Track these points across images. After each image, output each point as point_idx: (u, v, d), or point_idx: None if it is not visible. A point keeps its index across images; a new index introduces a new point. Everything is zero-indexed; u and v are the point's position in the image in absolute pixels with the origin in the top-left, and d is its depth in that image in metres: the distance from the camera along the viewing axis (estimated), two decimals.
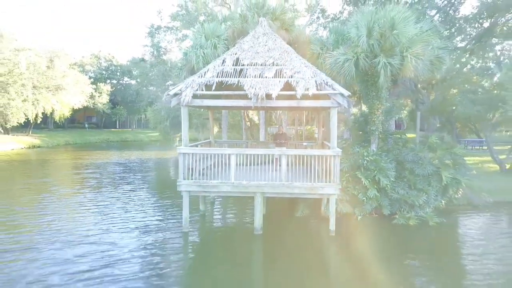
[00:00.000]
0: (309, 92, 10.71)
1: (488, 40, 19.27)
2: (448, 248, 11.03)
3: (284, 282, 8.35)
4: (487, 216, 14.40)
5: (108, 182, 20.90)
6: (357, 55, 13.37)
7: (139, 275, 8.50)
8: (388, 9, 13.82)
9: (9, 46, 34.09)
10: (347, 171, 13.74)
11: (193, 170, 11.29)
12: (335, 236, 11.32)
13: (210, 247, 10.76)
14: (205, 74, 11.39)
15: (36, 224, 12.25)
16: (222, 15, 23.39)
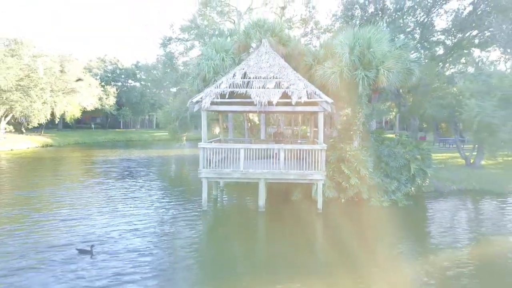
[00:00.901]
0: (302, 99, 13.82)
1: (455, 53, 22.43)
2: (411, 223, 14.11)
3: (281, 245, 11.44)
4: (448, 200, 17.55)
5: (128, 175, 23.91)
6: (341, 69, 16.45)
7: (174, 237, 11.58)
8: (366, 31, 16.95)
9: (28, 53, 37.07)
10: (333, 163, 16.79)
11: (210, 161, 14.37)
12: (322, 213, 14.43)
13: (225, 220, 13.86)
14: (220, 85, 14.47)
15: (85, 202, 15.28)
16: (228, 29, 26.40)
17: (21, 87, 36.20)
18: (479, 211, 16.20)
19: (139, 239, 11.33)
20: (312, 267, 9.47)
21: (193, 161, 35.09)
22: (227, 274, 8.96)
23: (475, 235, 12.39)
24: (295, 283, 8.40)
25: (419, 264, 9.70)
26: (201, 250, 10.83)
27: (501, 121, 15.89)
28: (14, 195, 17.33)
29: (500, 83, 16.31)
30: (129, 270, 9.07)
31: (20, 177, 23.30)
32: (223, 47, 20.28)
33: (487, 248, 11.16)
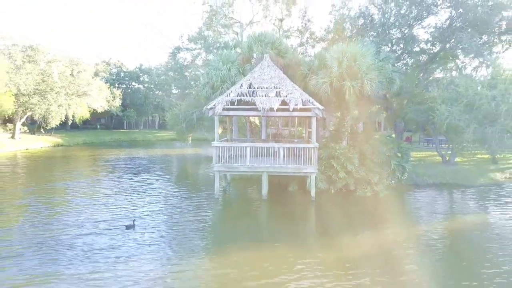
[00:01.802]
0: (298, 106, 16.71)
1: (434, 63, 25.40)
2: (388, 209, 16.98)
3: (280, 224, 14.33)
4: (423, 191, 20.49)
5: (142, 170, 26.71)
6: (331, 79, 19.34)
7: (193, 217, 14.46)
8: (352, 46, 19.86)
9: (43, 59, 39.79)
10: (325, 159, 19.67)
11: (221, 157, 17.23)
12: (314, 201, 17.32)
13: (234, 205, 16.76)
14: (230, 94, 17.35)
15: (112, 191, 18.10)
16: (232, 39, 29.20)
17: (38, 91, 39.01)
18: (446, 200, 19.17)
19: (165, 217, 14.24)
20: (303, 240, 12.38)
21: (197, 159, 38.05)
22: (236, 242, 11.79)
23: (434, 217, 15.35)
24: (290, 249, 11.29)
25: (380, 237, 12.63)
26: (216, 226, 13.74)
27: (466, 124, 18.85)
28: (48, 187, 20.14)
29: (465, 91, 19.25)
30: (160, 238, 11.93)
31: (46, 172, 26.05)
32: (229, 59, 23.15)
33: (441, 226, 14.13)
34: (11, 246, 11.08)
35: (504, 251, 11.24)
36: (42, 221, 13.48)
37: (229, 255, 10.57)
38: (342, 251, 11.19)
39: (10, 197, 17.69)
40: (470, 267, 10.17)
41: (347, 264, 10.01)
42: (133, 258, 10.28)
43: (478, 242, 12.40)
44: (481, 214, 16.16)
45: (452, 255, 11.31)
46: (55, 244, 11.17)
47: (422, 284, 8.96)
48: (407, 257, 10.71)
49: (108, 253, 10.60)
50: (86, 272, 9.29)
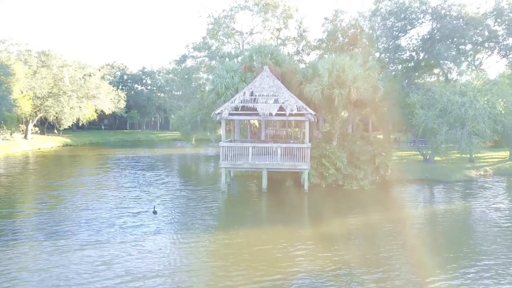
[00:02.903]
0: (293, 112, 19.47)
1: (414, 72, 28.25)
2: (371, 200, 19.70)
3: (277, 212, 17.08)
4: (403, 186, 23.25)
5: (152, 167, 29.40)
6: (323, 88, 22.08)
7: (203, 206, 17.18)
8: (341, 58, 22.60)
9: (56, 63, 42.41)
10: (317, 158, 22.37)
11: (227, 156, 19.96)
12: (307, 194, 20.04)
13: (238, 196, 19.50)
14: (235, 101, 20.09)
15: (131, 185, 20.79)
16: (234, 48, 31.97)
17: (52, 95, 41.65)
18: (422, 193, 22.04)
19: (180, 205, 16.98)
20: (296, 223, 15.15)
21: (199, 157, 40.80)
22: (239, 225, 14.52)
23: (409, 206, 18.17)
24: (285, 229, 14.04)
25: (361, 221, 15.41)
26: (223, 212, 16.55)
27: (440, 127, 21.66)
28: (73, 181, 22.81)
29: (440, 98, 22.05)
30: (177, 220, 14.66)
31: (65, 169, 28.74)
32: (232, 68, 25.90)
33: (414, 213, 16.94)
34: (61, 224, 13.76)
35: (461, 233, 14.06)
36: (78, 208, 16.18)
37: (235, 232, 13.30)
38: (329, 231, 13.95)
39: (43, 190, 20.36)
40: (432, 242, 12.94)
41: (333, 240, 12.76)
42: (159, 233, 13.00)
43: (444, 225, 15.22)
44: (449, 204, 19.01)
45: (421, 235, 14.03)
46: (98, 223, 13.86)
47: (395, 256, 11.66)
48: (384, 237, 13.46)
49: (140, 229, 13.31)
50: (129, 240, 12.01)
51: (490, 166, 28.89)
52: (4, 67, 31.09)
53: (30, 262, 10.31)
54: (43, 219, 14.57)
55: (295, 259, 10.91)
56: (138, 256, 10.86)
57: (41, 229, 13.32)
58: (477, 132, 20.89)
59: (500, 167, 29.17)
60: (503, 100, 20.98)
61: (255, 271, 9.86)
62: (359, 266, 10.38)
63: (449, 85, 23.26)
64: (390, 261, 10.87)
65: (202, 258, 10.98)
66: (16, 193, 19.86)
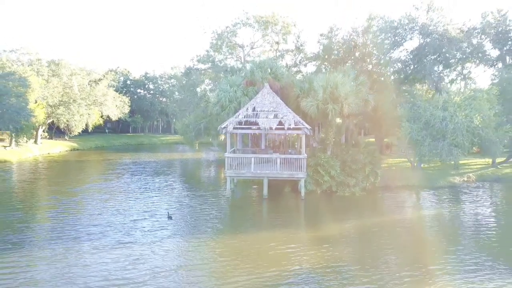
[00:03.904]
0: (291, 126, 21.73)
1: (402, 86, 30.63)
2: (360, 205, 21.98)
3: (277, 215, 19.32)
4: (391, 192, 25.51)
5: (159, 173, 31.60)
6: (318, 103, 24.35)
7: (210, 209, 19.43)
8: (334, 75, 24.87)
9: (65, 72, 44.60)
10: (313, 166, 24.60)
11: (231, 165, 22.20)
12: (304, 200, 22.29)
13: (242, 202, 21.75)
14: (238, 116, 22.34)
15: (143, 189, 23.00)
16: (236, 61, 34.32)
17: (63, 103, 43.89)
18: (407, 199, 24.29)
19: (190, 210, 19.20)
20: (294, 225, 17.41)
21: (201, 162, 43.07)
22: (243, 228, 16.76)
23: (394, 211, 20.45)
24: (284, 230, 16.28)
25: (352, 224, 17.66)
26: (229, 216, 18.78)
27: (423, 139, 23.96)
28: (90, 187, 24.99)
29: (424, 112, 24.35)
30: (189, 224, 16.89)
31: (79, 175, 30.92)
32: (235, 83, 28.17)
33: (399, 217, 19.22)
34: (90, 228, 15.96)
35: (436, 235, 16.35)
36: (100, 212, 18.38)
37: (240, 235, 15.54)
38: (323, 232, 16.21)
39: (65, 196, 22.52)
40: (414, 242, 15.21)
41: (326, 240, 15.00)
42: (175, 236, 15.23)
43: (427, 227, 17.52)
44: (431, 210, 21.30)
45: (404, 237, 16.29)
46: (120, 227, 16.07)
47: (383, 253, 13.90)
48: (371, 239, 15.72)
49: (159, 232, 15.53)
50: (151, 242, 14.24)
51: (473, 173, 31.23)
52: (23, 79, 33.28)
53: (73, 259, 12.53)
54: (73, 223, 16.76)
55: (292, 258, 13.13)
56: (161, 255, 13.09)
57: (72, 232, 15.49)
58: (456, 144, 23.18)
59: (483, 173, 31.50)
60: (480, 115, 23.28)
61: (257, 268, 12.09)
62: (348, 264, 12.61)
63: (433, 100, 25.52)
64: (377, 260, 13.11)
65: (213, 257, 13.20)
66: (40, 199, 22.05)
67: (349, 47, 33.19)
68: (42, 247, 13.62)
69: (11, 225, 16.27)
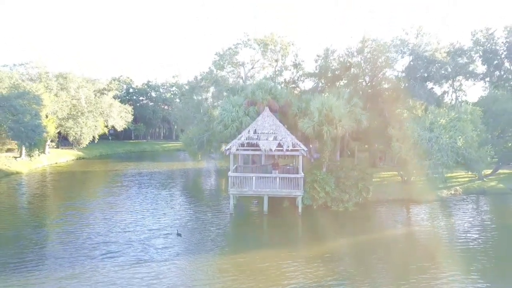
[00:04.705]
0: (289, 148, 23.71)
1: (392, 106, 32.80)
2: (355, 220, 23.90)
3: (276, 229, 21.29)
4: (382, 207, 27.53)
5: (164, 185, 33.53)
6: (314, 124, 26.33)
7: (216, 224, 21.39)
8: (329, 98, 26.85)
9: (73, 86, 46.53)
10: (309, 183, 26.59)
11: (234, 183, 24.16)
12: (301, 215, 24.26)
13: (243, 218, 23.71)
14: (241, 138, 24.31)
15: (150, 207, 24.93)
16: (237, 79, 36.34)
17: (71, 116, 45.85)
18: (396, 214, 26.29)
19: (197, 226, 21.14)
20: (292, 243, 19.39)
21: (203, 172, 45.03)
22: (245, 244, 18.71)
23: (383, 226, 22.45)
24: (283, 249, 18.25)
25: (345, 238, 19.64)
26: (231, 233, 20.78)
27: (411, 157, 25.96)
28: (97, 203, 26.87)
29: (412, 133, 26.34)
30: (196, 242, 18.84)
31: (87, 189, 32.85)
32: (237, 103, 30.13)
33: (388, 232, 21.22)
34: (109, 245, 17.87)
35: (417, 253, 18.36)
36: (114, 230, 20.30)
37: (242, 251, 17.50)
38: (318, 249, 18.19)
39: (77, 210, 24.42)
40: (404, 258, 17.20)
41: (321, 257, 16.97)
42: (186, 253, 17.18)
43: (416, 243, 19.51)
44: (419, 223, 23.33)
45: (394, 253, 18.26)
46: (136, 244, 17.99)
47: (374, 269, 15.88)
48: (364, 254, 17.70)
49: (172, 249, 17.48)
50: (165, 259, 16.18)
51: (460, 186, 33.34)
52: (37, 98, 35.20)
53: (101, 277, 14.45)
54: (91, 240, 18.65)
55: (290, 275, 15.08)
56: (176, 273, 15.05)
57: (93, 250, 17.38)
58: (441, 163, 25.20)
59: (469, 186, 33.59)
60: (463, 136, 25.28)
61: (259, 284, 14.06)
62: (342, 280, 14.57)
63: (420, 120, 27.50)
64: (368, 276, 15.09)
65: (221, 274, 15.13)
66: (56, 215, 23.84)
67: (344, 66, 35.22)
68: (67, 265, 15.49)
69: (31, 242, 18.18)
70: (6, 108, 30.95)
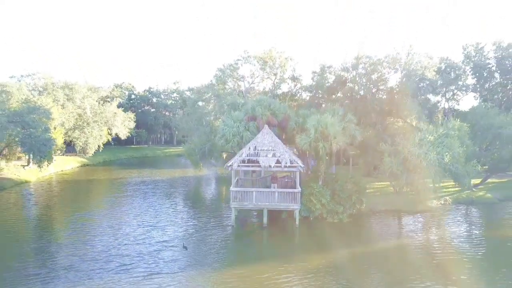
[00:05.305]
0: (287, 164, 25.43)
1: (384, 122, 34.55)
2: (349, 232, 25.60)
3: (274, 241, 23.01)
4: (374, 218, 29.24)
5: (168, 195, 35.18)
6: (310, 141, 28.03)
7: (218, 236, 23.10)
8: (324, 116, 28.56)
9: (78, 96, 48.22)
10: (306, 195, 28.27)
11: (236, 197, 25.87)
12: (298, 226, 25.98)
13: (244, 231, 25.42)
14: (242, 155, 26.01)
15: (156, 220, 26.60)
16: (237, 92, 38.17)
17: (77, 126, 47.59)
18: (387, 225, 28.02)
19: (201, 238, 22.83)
20: (289, 255, 21.11)
21: (204, 180, 46.70)
22: (246, 257, 20.41)
23: (374, 237, 24.21)
24: (281, 262, 19.95)
25: (338, 250, 21.37)
26: (233, 246, 22.48)
27: (402, 173, 27.71)
28: (104, 214, 28.53)
29: (402, 149, 28.10)
30: (201, 254, 20.53)
31: (93, 198, 34.51)
32: (237, 118, 31.86)
33: (381, 244, 22.96)
34: (124, 258, 19.54)
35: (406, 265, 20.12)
36: (124, 239, 21.98)
37: (244, 264, 19.21)
38: (314, 262, 19.88)
39: (87, 222, 26.07)
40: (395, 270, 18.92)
41: (317, 269, 18.67)
42: (191, 266, 18.87)
43: (406, 254, 21.24)
44: (409, 236, 25.05)
45: (385, 265, 19.97)
46: (146, 257, 19.67)
47: (366, 281, 17.58)
48: (356, 266, 19.42)
49: (179, 262, 19.17)
50: (174, 272, 17.87)
51: (449, 196, 35.09)
52: (47, 112, 36.86)
53: None
54: (104, 253, 20.33)
55: (286, 285, 16.79)
56: (186, 285, 16.76)
57: (107, 262, 19.06)
58: (429, 177, 26.98)
59: (458, 196, 35.34)
60: (450, 153, 27.04)
61: None
62: None
63: (411, 137, 29.26)
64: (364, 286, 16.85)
65: (224, 285, 16.83)
66: (67, 228, 25.51)
67: (340, 80, 37.00)
68: (86, 278, 17.15)
69: (48, 255, 19.86)
70: (19, 123, 32.63)
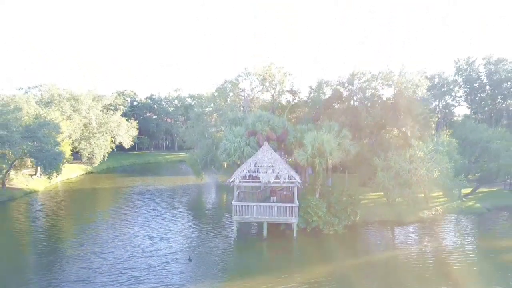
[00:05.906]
0: (285, 180, 27.11)
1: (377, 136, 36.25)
2: (344, 243, 27.27)
3: (274, 252, 24.69)
4: (369, 228, 30.93)
5: (171, 204, 36.80)
6: (307, 156, 29.71)
7: (220, 248, 24.76)
8: (320, 134, 30.25)
9: (84, 107, 49.87)
10: (304, 208, 29.93)
11: (237, 211, 27.53)
12: (296, 238, 27.64)
13: (246, 241, 27.08)
14: (243, 171, 27.68)
15: (163, 232, 28.25)
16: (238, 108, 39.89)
17: (84, 137, 49.26)
18: (381, 234, 29.69)
19: (205, 250, 24.47)
20: (287, 267, 22.78)
21: (205, 189, 48.36)
22: (247, 269, 22.05)
23: (367, 248, 25.89)
24: (279, 274, 21.60)
25: (334, 260, 23.04)
26: (235, 258, 24.14)
27: (393, 187, 29.40)
28: (113, 224, 30.15)
29: (394, 164, 29.78)
30: (204, 266, 22.18)
31: (100, 207, 36.16)
32: (238, 133, 33.55)
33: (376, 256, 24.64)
34: (135, 269, 21.18)
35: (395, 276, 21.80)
36: (134, 252, 23.62)
37: (245, 276, 20.85)
38: (310, 274, 21.54)
39: (98, 232, 27.67)
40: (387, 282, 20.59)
41: (313, 281, 20.33)
42: (197, 278, 20.52)
43: (398, 266, 22.91)
44: (401, 247, 26.72)
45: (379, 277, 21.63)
46: (156, 269, 21.31)
47: None
48: (350, 279, 21.08)
49: (186, 274, 20.83)
50: (182, 284, 19.52)
51: (440, 206, 36.78)
52: (57, 127, 38.46)
53: None
54: (117, 265, 21.96)
55: None
56: None
57: (119, 274, 20.71)
58: (420, 191, 28.70)
59: (449, 206, 37.01)
60: (439, 168, 28.76)
61: None
62: None
63: (402, 153, 30.95)
64: None
65: None
66: (79, 239, 27.13)
67: (337, 95, 38.73)
68: None
69: (62, 267, 21.49)
70: (31, 138, 34.27)
